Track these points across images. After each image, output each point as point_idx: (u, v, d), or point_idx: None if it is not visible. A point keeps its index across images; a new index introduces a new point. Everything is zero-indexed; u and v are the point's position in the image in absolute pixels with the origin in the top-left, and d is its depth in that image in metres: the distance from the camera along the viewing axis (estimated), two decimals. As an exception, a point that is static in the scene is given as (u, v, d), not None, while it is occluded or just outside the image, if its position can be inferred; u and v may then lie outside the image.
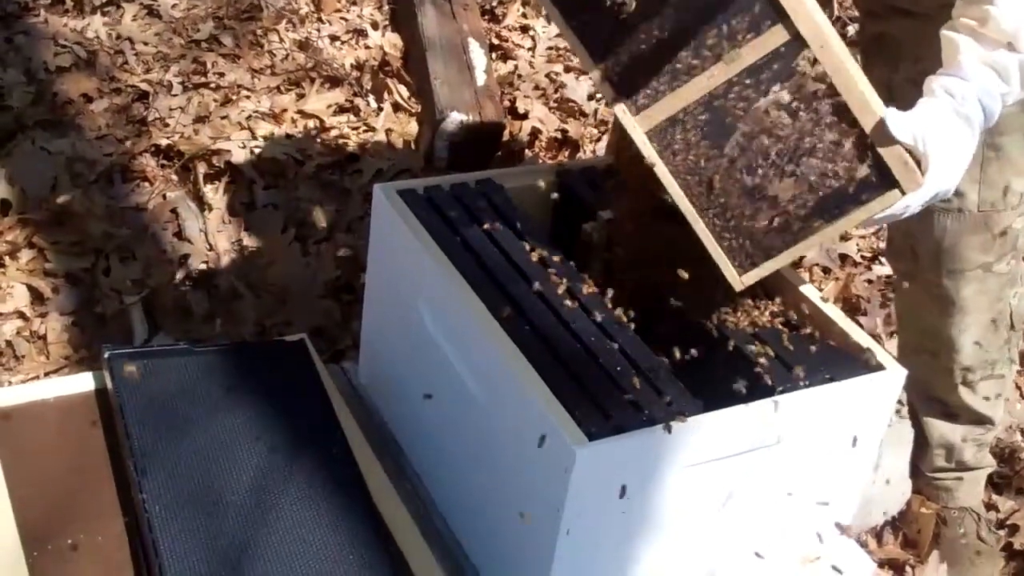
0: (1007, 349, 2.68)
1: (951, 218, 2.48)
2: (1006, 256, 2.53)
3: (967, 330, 2.60)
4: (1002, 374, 2.72)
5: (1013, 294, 2.61)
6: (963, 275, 2.52)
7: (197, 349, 2.31)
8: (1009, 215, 2.49)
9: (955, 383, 2.68)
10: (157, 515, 1.95)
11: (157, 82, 3.85)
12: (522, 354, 1.93)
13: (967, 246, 2.50)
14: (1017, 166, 2.45)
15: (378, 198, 2.29)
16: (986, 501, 3.00)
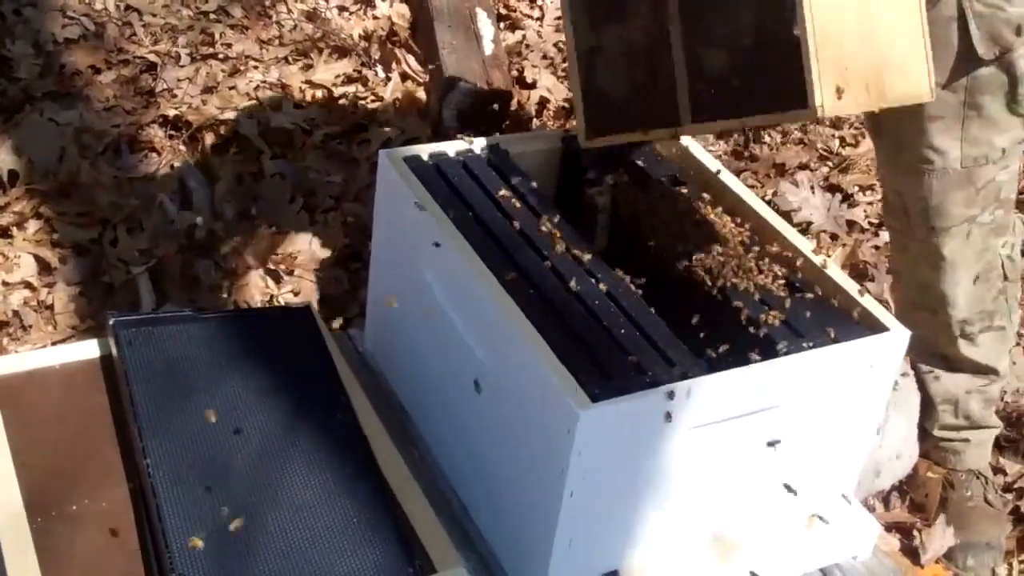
0: (1004, 300, 2.71)
1: (936, 177, 2.54)
2: (989, 207, 2.57)
3: (959, 283, 2.64)
4: (1002, 325, 2.74)
5: (1001, 244, 2.65)
6: (949, 231, 2.58)
7: (202, 316, 2.30)
8: (991, 169, 2.54)
9: (954, 336, 2.71)
10: (161, 481, 1.95)
11: (165, 53, 3.86)
12: (526, 317, 1.92)
13: (952, 202, 2.55)
14: (997, 123, 2.50)
15: (383, 164, 2.28)
16: (993, 464, 3.00)
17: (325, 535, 1.94)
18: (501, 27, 4.21)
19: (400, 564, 1.92)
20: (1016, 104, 2.46)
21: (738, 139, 4.06)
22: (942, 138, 2.49)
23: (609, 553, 2.02)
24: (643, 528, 2.00)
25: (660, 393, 1.83)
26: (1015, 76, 2.43)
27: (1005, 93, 2.45)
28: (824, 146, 4.05)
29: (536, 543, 1.95)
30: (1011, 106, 2.47)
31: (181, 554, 1.85)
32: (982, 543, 2.84)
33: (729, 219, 2.23)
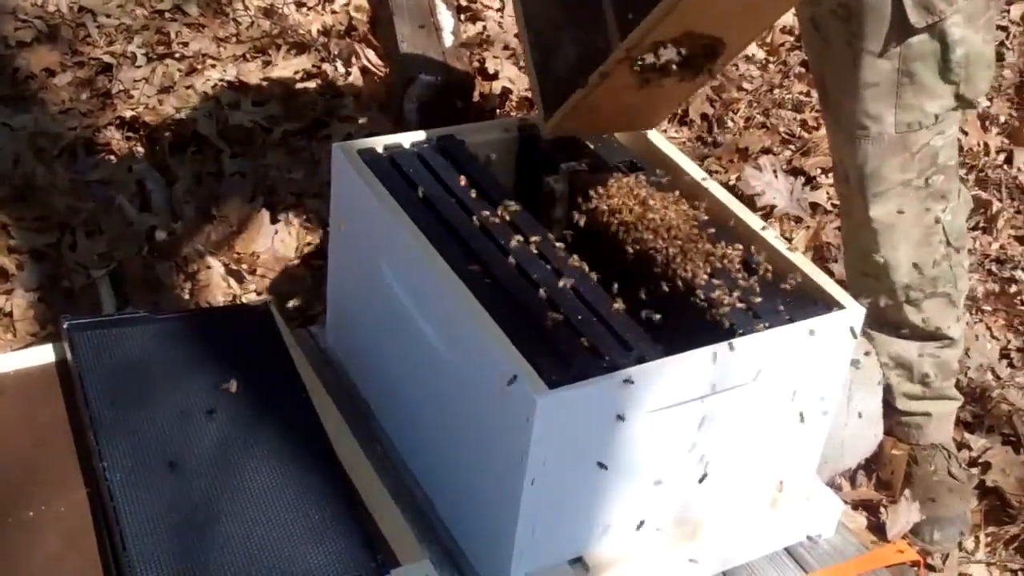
0: (948, 266, 2.74)
1: (871, 143, 2.59)
2: (926, 172, 2.61)
3: (898, 247, 2.68)
4: (947, 292, 2.77)
5: (942, 209, 2.68)
6: (885, 195, 2.62)
7: (158, 317, 2.29)
8: (925, 134, 2.59)
9: (900, 302, 2.76)
10: (118, 483, 1.93)
11: (120, 54, 3.83)
12: (482, 306, 1.92)
13: (888, 167, 2.61)
14: (930, 90, 2.54)
15: (337, 157, 2.27)
16: (958, 440, 3.02)
17: (287, 532, 1.93)
18: (461, 19, 4.21)
19: (363, 558, 1.91)
20: (948, 71, 2.51)
21: (702, 125, 4.07)
22: (877, 105, 2.54)
23: (573, 539, 2.01)
24: (606, 513, 2.00)
25: (618, 378, 1.83)
26: (947, 44, 2.47)
27: (937, 60, 2.49)
28: (787, 130, 4.06)
29: (499, 532, 1.94)
30: (943, 73, 2.51)
31: (139, 557, 1.83)
32: (948, 517, 2.85)
33: (687, 203, 2.22)
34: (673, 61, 1.98)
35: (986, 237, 3.76)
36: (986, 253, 3.71)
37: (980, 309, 3.50)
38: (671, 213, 2.18)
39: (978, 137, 4.08)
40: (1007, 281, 3.64)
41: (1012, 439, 3.14)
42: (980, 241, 3.76)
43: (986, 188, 3.95)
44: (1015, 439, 3.14)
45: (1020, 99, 4.33)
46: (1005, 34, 4.60)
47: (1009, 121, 4.22)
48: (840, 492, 2.75)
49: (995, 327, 3.48)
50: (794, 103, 4.15)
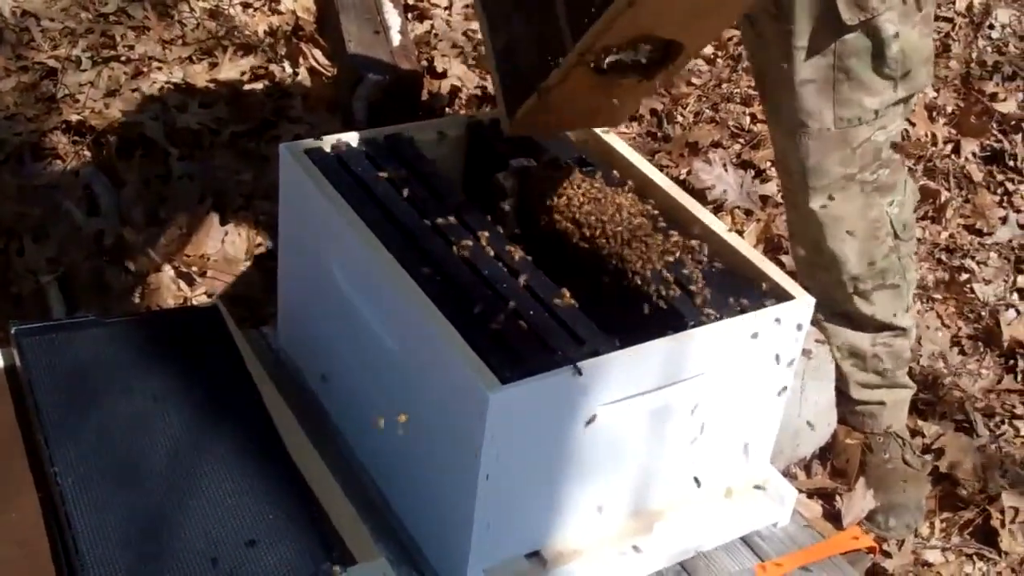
0: (895, 258, 2.76)
1: (811, 138, 2.61)
2: (869, 166, 2.63)
3: (845, 240, 2.70)
4: (895, 283, 2.79)
5: (888, 202, 2.70)
6: (828, 188, 2.64)
7: (107, 321, 2.27)
8: (866, 129, 2.61)
9: (849, 293, 2.77)
10: (69, 488, 1.91)
11: (65, 58, 3.80)
12: (433, 304, 1.91)
13: (830, 162, 2.63)
14: (866, 86, 2.56)
15: (284, 157, 2.26)
16: (911, 427, 3.04)
17: (242, 534, 1.92)
18: (409, 17, 4.20)
19: (319, 558, 1.90)
20: (883, 67, 2.52)
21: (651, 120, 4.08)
22: (815, 101, 2.56)
23: (529, 534, 2.01)
24: (562, 507, 2.00)
25: (570, 372, 1.83)
26: (880, 40, 2.49)
27: (873, 56, 2.50)
28: (735, 124, 4.08)
29: (455, 528, 1.94)
30: (878, 69, 2.52)
31: (93, 561, 1.82)
32: (902, 504, 2.88)
33: (637, 198, 2.23)
34: (629, 63, 1.98)
35: (935, 227, 3.79)
36: (935, 242, 3.74)
37: (931, 298, 3.53)
38: (622, 208, 2.19)
39: (926, 127, 4.11)
40: (956, 270, 3.67)
41: (965, 425, 3.17)
42: (929, 231, 3.79)
43: (934, 178, 3.98)
44: (968, 425, 3.17)
45: (967, 89, 4.37)
46: (951, 25, 4.64)
47: (956, 111, 4.25)
48: (795, 481, 2.76)
49: (946, 315, 3.51)
50: (743, 97, 4.17)
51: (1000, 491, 2.96)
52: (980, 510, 2.94)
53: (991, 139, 4.18)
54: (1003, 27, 4.74)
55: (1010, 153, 4.11)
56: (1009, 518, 2.92)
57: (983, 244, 3.80)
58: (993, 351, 3.43)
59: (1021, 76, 4.48)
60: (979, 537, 2.92)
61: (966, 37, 4.64)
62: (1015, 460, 3.08)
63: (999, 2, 4.80)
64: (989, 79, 4.44)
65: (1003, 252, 3.78)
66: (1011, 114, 4.25)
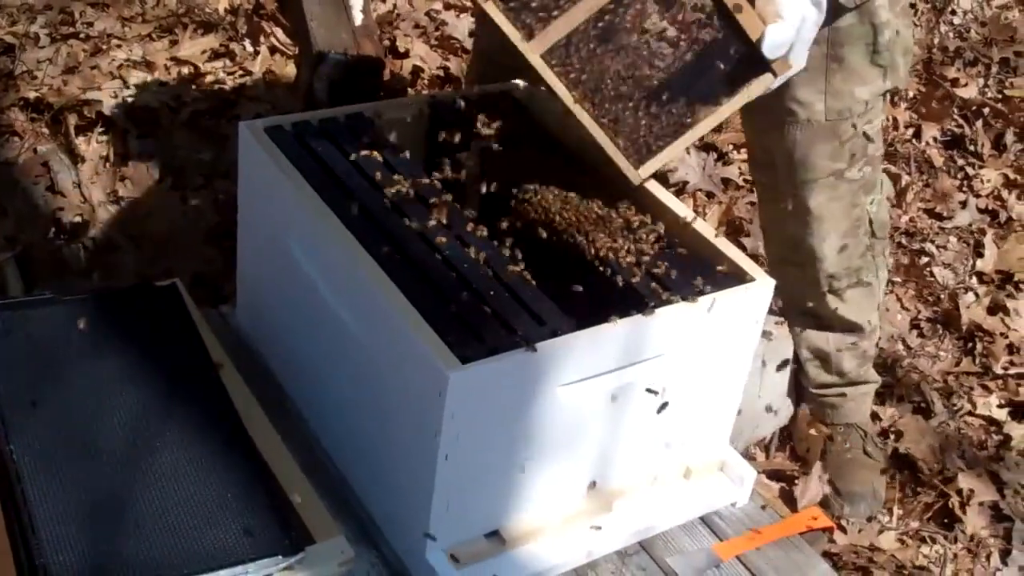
0: (870, 256, 2.73)
1: (800, 128, 2.54)
2: (857, 163, 2.59)
3: (826, 238, 2.66)
4: (868, 282, 2.77)
5: (870, 201, 2.67)
6: (816, 183, 2.59)
7: (64, 299, 2.26)
8: (856, 122, 2.55)
9: (822, 291, 2.74)
10: (26, 465, 1.90)
11: (23, 34, 3.75)
12: (392, 282, 1.91)
13: (818, 155, 2.56)
14: (859, 75, 2.51)
15: (244, 135, 2.25)
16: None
17: (200, 512, 1.92)
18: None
19: (277, 536, 1.91)
20: (877, 54, 2.48)
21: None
22: (805, 90, 2.50)
23: (489, 514, 2.02)
24: (522, 486, 2.00)
25: (530, 351, 1.83)
26: (876, 25, 2.45)
27: (866, 44, 2.46)
28: (697, 106, 4.07)
29: (414, 508, 1.94)
30: (872, 56, 2.48)
31: (50, 541, 1.81)
32: (858, 492, 2.87)
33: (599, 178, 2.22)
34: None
35: (896, 210, 3.80)
36: (896, 226, 3.75)
37: (891, 281, 3.54)
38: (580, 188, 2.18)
39: (887, 112, 4.13)
40: (916, 253, 3.69)
41: (922, 406, 3.19)
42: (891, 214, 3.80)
43: (895, 162, 3.99)
44: (925, 406, 3.19)
45: (928, 75, 4.39)
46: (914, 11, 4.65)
47: (917, 96, 4.27)
48: (754, 462, 2.77)
49: (905, 298, 3.52)
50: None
51: (957, 472, 2.98)
52: (938, 493, 2.96)
53: (952, 124, 4.20)
54: (965, 13, 4.77)
55: (970, 138, 4.13)
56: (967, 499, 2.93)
57: (943, 228, 3.82)
58: (952, 334, 3.45)
59: (982, 62, 4.50)
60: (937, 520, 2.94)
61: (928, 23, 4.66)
62: (972, 441, 3.11)
63: (961, -12, 4.83)
64: (951, 64, 4.46)
65: (963, 236, 3.80)
66: (972, 99, 4.27)
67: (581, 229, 2.13)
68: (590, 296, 2.02)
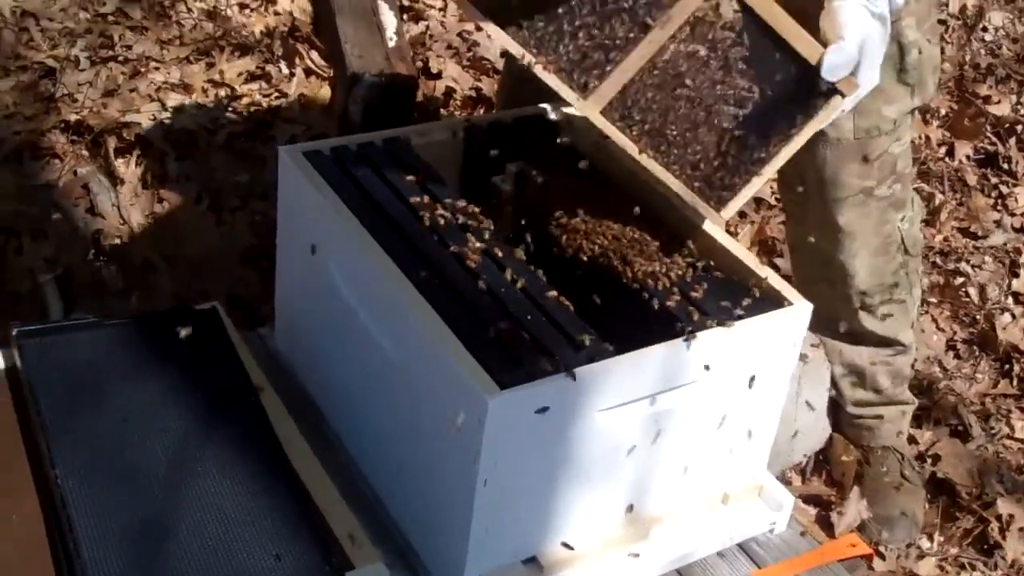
0: (904, 274, 2.73)
1: (829, 148, 2.56)
2: (886, 180, 2.59)
3: (857, 255, 2.66)
4: (902, 299, 2.77)
5: (900, 218, 2.67)
6: (845, 201, 2.60)
7: (107, 323, 2.28)
8: (884, 140, 2.57)
9: (855, 308, 2.74)
10: (70, 490, 1.92)
11: (64, 57, 3.80)
12: (432, 308, 1.92)
13: (847, 173, 2.57)
14: (887, 94, 2.52)
15: (283, 161, 2.26)
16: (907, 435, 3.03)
17: (240, 537, 1.93)
18: (404, 18, 4.20)
19: (317, 562, 1.91)
20: (904, 73, 2.49)
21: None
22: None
23: (527, 539, 2.02)
24: (559, 512, 2.01)
25: (568, 377, 1.84)
26: (903, 45, 2.46)
27: (893, 63, 2.47)
28: (730, 125, 4.07)
29: (453, 533, 1.95)
30: (900, 75, 2.50)
31: (93, 564, 1.83)
32: (897, 517, 2.86)
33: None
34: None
35: (930, 230, 3.80)
36: (930, 246, 3.75)
37: (926, 301, 3.53)
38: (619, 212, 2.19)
39: (920, 130, 4.12)
40: (952, 273, 3.68)
41: (960, 429, 3.18)
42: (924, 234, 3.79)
43: (929, 181, 3.99)
44: (963, 429, 3.17)
45: (960, 92, 4.38)
46: (944, 28, 4.65)
47: (950, 114, 4.26)
48: (790, 486, 2.77)
49: (941, 319, 3.52)
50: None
51: (996, 497, 2.96)
52: (977, 518, 2.95)
53: (985, 142, 4.19)
54: (996, 29, 4.76)
55: (1004, 156, 4.12)
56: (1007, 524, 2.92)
57: (978, 248, 3.81)
58: (988, 355, 3.44)
59: (1015, 78, 4.49)
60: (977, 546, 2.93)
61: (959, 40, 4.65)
62: (1011, 465, 3.09)
63: (992, 5, 4.82)
64: (983, 82, 4.45)
65: (998, 255, 3.79)
66: (1005, 117, 4.26)
67: (617, 252, 2.13)
68: (627, 320, 2.03)
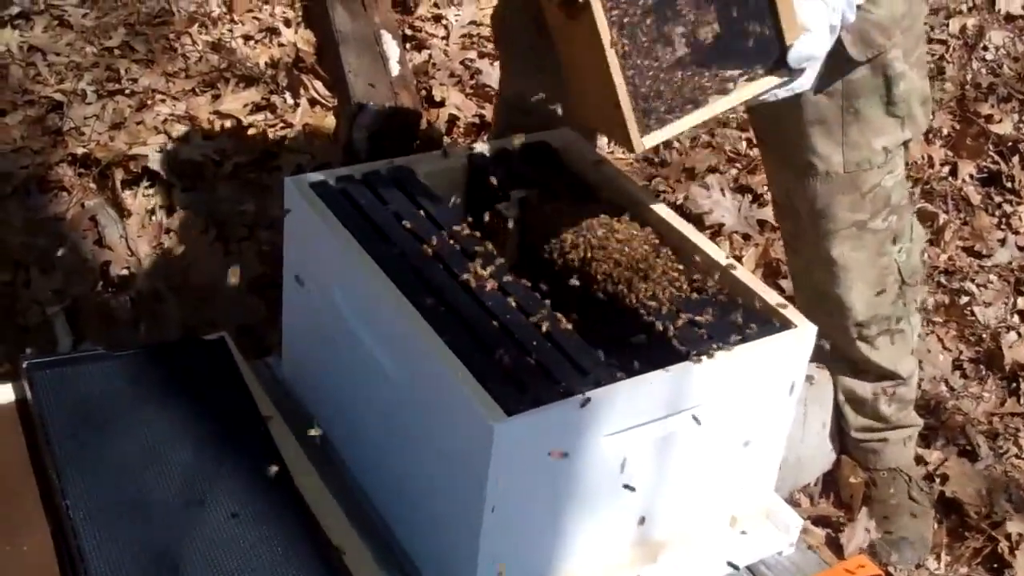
0: (902, 304, 2.73)
1: (820, 181, 2.55)
2: (880, 213, 2.59)
3: (853, 287, 2.65)
4: (902, 329, 2.76)
5: (898, 249, 2.66)
6: (837, 234, 2.59)
7: (116, 354, 2.30)
8: (875, 173, 2.55)
9: (852, 339, 2.73)
10: (81, 521, 1.94)
11: (71, 91, 3.83)
12: (437, 334, 1.93)
13: (839, 206, 2.57)
14: (875, 126, 2.51)
15: (289, 191, 2.28)
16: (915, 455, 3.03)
17: (250, 564, 1.95)
18: (407, 47, 4.23)
19: (326, 588, 1.93)
20: (892, 105, 2.48)
21: (648, 146, 4.09)
22: (823, 143, 2.50)
23: (534, 564, 2.02)
24: (567, 537, 2.01)
25: (574, 402, 1.85)
26: (890, 77, 2.45)
27: (880, 96, 2.47)
28: (732, 148, 4.09)
29: (461, 560, 1.96)
30: (888, 107, 2.48)
31: (104, 594, 1.84)
32: (906, 539, 2.85)
33: (637, 226, 2.25)
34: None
35: (934, 249, 3.81)
36: (935, 265, 3.75)
37: (931, 321, 3.54)
38: (623, 237, 2.20)
39: (922, 150, 4.13)
40: (956, 292, 3.69)
41: (967, 449, 3.18)
42: (928, 253, 3.80)
43: (932, 200, 3.99)
44: (970, 449, 3.18)
45: (962, 111, 4.39)
46: (944, 47, 4.66)
47: (952, 133, 4.27)
48: (799, 508, 2.77)
49: (947, 339, 3.52)
50: (739, 122, 4.19)
51: (1005, 517, 2.96)
52: (986, 538, 2.95)
53: (988, 161, 4.19)
54: (997, 48, 4.76)
55: (1007, 175, 4.12)
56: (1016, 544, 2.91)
57: (983, 266, 3.81)
58: (995, 374, 3.44)
59: (1016, 97, 4.50)
60: (986, 566, 2.92)
61: (960, 59, 4.66)
62: (1019, 484, 3.09)
63: (992, 24, 4.83)
64: (984, 101, 4.45)
65: (1003, 274, 3.79)
66: (1007, 135, 4.26)
67: (621, 277, 2.14)
68: (632, 345, 2.04)
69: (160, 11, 4.23)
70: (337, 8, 4.09)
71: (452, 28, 4.41)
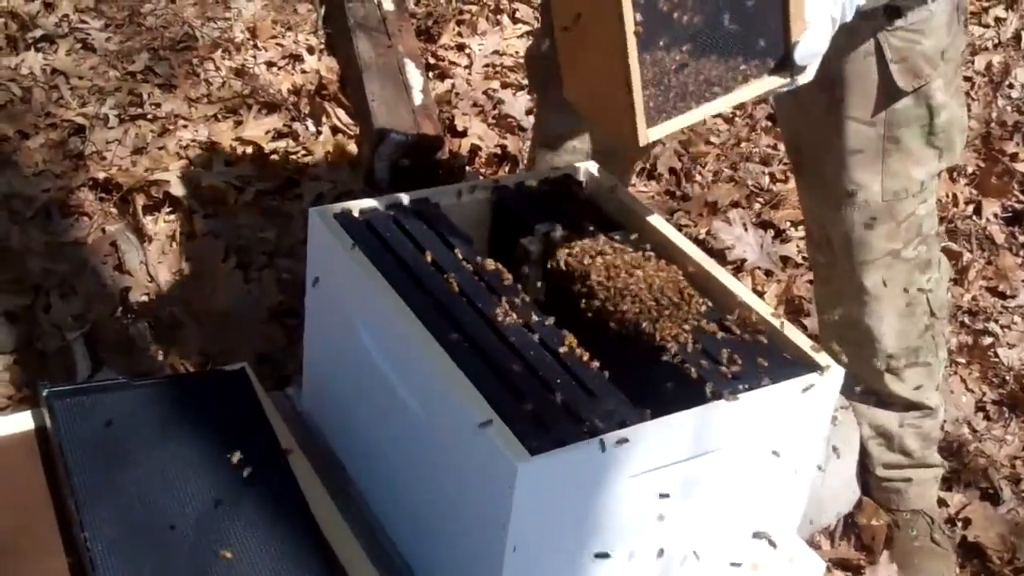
0: (930, 336, 2.72)
1: (857, 210, 2.56)
2: (912, 242, 2.59)
3: (883, 318, 2.65)
4: (928, 362, 2.75)
5: (927, 280, 2.66)
6: (872, 264, 2.60)
7: (136, 383, 2.29)
8: (911, 202, 2.56)
9: (880, 371, 2.73)
10: (99, 552, 1.92)
11: (93, 115, 3.85)
12: (461, 371, 1.92)
13: (875, 235, 2.57)
14: (915, 156, 2.52)
15: (314, 221, 2.27)
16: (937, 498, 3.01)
17: (268, 599, 1.93)
18: (430, 76, 4.23)
19: (344, 624, 1.91)
20: (933, 135, 2.49)
21: (670, 179, 4.09)
22: (863, 172, 2.52)
23: (555, 605, 2.01)
24: None
25: (598, 442, 1.83)
26: (932, 107, 2.46)
27: (922, 126, 2.48)
28: (755, 183, 4.09)
29: (481, 599, 1.94)
30: (928, 138, 2.49)
31: (121, 627, 1.83)
32: None
33: (662, 263, 2.23)
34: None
35: (958, 289, 3.79)
36: (958, 305, 3.73)
37: (954, 362, 3.51)
38: (647, 274, 2.19)
39: (946, 188, 4.12)
40: (980, 333, 3.66)
41: (990, 492, 3.15)
42: (952, 293, 3.78)
43: (956, 239, 3.98)
44: (992, 492, 3.15)
45: (987, 149, 4.38)
46: (970, 85, 4.65)
47: (976, 172, 4.26)
48: (820, 550, 2.74)
49: (970, 380, 3.49)
50: (761, 156, 4.19)
51: (1029, 562, 2.94)
52: (1010, 583, 2.92)
53: (1012, 200, 4.18)
54: (1022, 87, 4.76)
55: (1032, 214, 4.11)
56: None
57: (1006, 307, 3.79)
58: (1019, 416, 3.41)
59: (1041, 136, 4.49)
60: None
61: (985, 97, 4.65)
62: (1042, 529, 3.07)
63: (1018, 62, 4.82)
64: (1010, 139, 4.45)
65: (1027, 316, 3.77)
66: (1032, 175, 4.26)
67: (645, 315, 2.13)
68: (658, 384, 2.02)
69: (183, 36, 4.25)
70: (360, 36, 4.10)
71: (475, 58, 4.42)
